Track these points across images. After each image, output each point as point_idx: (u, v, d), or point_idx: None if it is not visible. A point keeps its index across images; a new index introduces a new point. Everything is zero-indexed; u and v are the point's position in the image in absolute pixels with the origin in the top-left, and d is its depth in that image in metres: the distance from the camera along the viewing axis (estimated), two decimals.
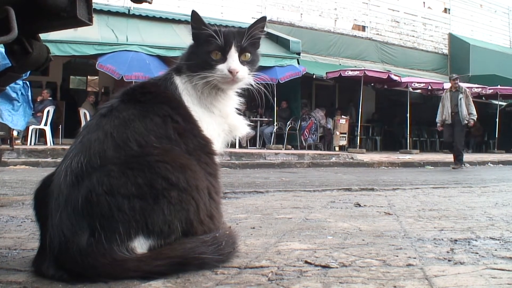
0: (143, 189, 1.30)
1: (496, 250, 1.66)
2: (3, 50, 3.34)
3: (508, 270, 1.39)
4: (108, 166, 1.32)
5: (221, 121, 1.63)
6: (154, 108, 1.47)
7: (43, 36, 1.71)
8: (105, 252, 1.27)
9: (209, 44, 1.57)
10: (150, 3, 1.98)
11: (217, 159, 1.57)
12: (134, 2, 1.99)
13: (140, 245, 1.32)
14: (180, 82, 1.59)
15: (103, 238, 1.27)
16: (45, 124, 10.63)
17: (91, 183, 1.30)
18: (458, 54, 18.38)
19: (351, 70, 13.21)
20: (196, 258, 1.36)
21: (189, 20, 1.60)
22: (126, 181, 1.30)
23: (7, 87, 3.24)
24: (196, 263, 1.36)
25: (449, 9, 19.25)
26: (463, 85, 15.49)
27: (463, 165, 9.46)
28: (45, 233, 1.38)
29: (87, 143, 1.39)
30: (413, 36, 18.21)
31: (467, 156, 12.85)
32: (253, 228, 2.15)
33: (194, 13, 1.59)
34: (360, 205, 2.95)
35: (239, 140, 11.11)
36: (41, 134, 11.04)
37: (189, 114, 1.53)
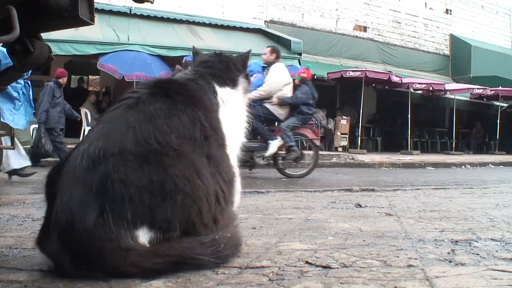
0: (154, 186, 1.35)
1: (497, 251, 1.66)
2: (4, 49, 3.33)
3: (509, 272, 1.39)
4: (126, 156, 1.37)
5: (242, 134, 1.76)
6: (186, 109, 1.52)
7: (44, 35, 1.71)
8: (112, 236, 1.30)
9: None
10: (151, 2, 1.98)
11: (237, 169, 1.65)
12: (135, 1, 1.99)
13: (144, 235, 1.36)
14: (220, 91, 1.68)
15: (111, 220, 1.30)
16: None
17: (108, 169, 1.34)
18: (459, 55, 18.34)
19: (352, 71, 13.19)
20: (193, 258, 1.38)
21: (190, 20, 1.65)
22: (141, 174, 1.35)
23: (9, 86, 3.24)
24: (192, 263, 1.38)
25: (450, 10, 19.21)
26: (463, 86, 15.54)
27: None
28: (51, 211, 1.40)
29: (108, 131, 1.44)
30: (414, 37, 18.18)
31: (468, 157, 12.83)
32: (254, 228, 2.16)
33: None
34: (361, 206, 2.95)
35: None
36: None
37: (219, 122, 1.61)
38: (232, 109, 1.70)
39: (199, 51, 1.91)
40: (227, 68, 1.77)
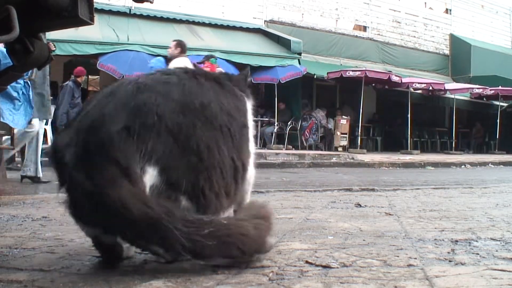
0: (181, 136, 1.38)
1: (497, 251, 1.66)
2: (4, 49, 3.33)
3: (509, 271, 1.39)
4: (170, 99, 1.42)
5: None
6: (231, 94, 1.63)
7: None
8: (127, 154, 1.31)
9: None
10: (151, 2, 1.99)
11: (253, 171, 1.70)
12: (135, 1, 1.99)
13: (151, 175, 1.34)
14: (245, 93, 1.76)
15: (134, 140, 1.32)
16: (46, 124, 10.61)
17: (150, 99, 1.39)
18: (459, 54, 18.33)
19: (352, 71, 13.19)
20: (164, 228, 1.29)
21: (190, 20, 1.68)
22: (175, 119, 1.38)
23: (8, 86, 3.24)
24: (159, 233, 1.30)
25: (450, 10, 19.20)
26: (463, 85, 15.53)
27: None
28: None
29: (160, 78, 1.51)
30: (414, 36, 18.17)
31: (468, 157, 12.83)
32: None
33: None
34: (360, 206, 2.95)
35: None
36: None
37: (249, 122, 1.69)
38: (250, 116, 1.74)
39: None
40: (243, 80, 1.84)
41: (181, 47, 6.52)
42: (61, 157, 1.35)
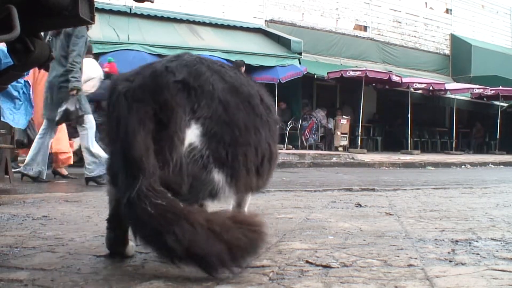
0: (228, 113, 1.48)
1: (497, 251, 1.66)
2: (5, 48, 3.33)
3: (509, 271, 1.39)
4: (223, 81, 1.53)
5: None
6: (266, 93, 1.79)
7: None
8: (177, 101, 1.41)
9: None
10: (152, 2, 1.99)
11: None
12: (136, 1, 1.99)
13: (194, 128, 1.41)
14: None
15: (184, 94, 1.42)
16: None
17: (208, 71, 1.51)
18: (459, 54, 18.33)
19: (353, 70, 13.19)
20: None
21: (191, 19, 1.73)
22: (225, 97, 1.49)
23: (9, 86, 3.24)
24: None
25: (450, 10, 19.20)
26: (464, 85, 15.52)
27: None
28: None
29: (212, 61, 1.63)
30: (415, 36, 18.16)
31: (468, 157, 12.82)
32: None
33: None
34: (361, 205, 2.95)
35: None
36: None
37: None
38: None
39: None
40: None
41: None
42: (115, 86, 1.45)
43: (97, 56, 10.60)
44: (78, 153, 5.98)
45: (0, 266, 1.48)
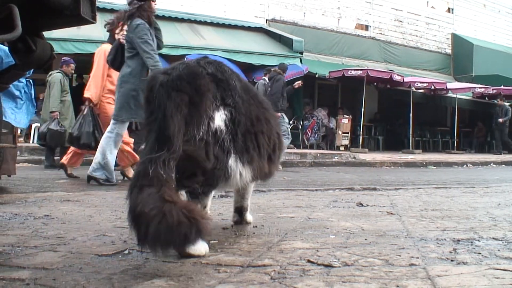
0: (248, 107, 1.79)
1: (499, 250, 1.66)
2: (6, 48, 3.33)
3: (511, 271, 1.38)
4: (239, 79, 1.86)
5: None
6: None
7: (46, 34, 1.71)
8: (209, 87, 1.70)
9: None
10: (153, 1, 1.99)
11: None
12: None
13: (221, 113, 1.70)
14: None
15: (216, 84, 1.73)
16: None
17: (230, 70, 1.84)
18: (461, 54, 18.30)
19: (354, 70, 13.17)
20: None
21: (192, 19, 1.80)
22: (241, 97, 1.77)
23: (10, 85, 3.24)
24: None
25: (452, 9, 19.17)
26: (465, 85, 15.49)
27: None
28: None
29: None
30: (416, 35, 18.14)
31: (470, 156, 12.81)
32: (256, 226, 2.16)
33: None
34: (362, 205, 2.95)
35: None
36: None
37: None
38: None
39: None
40: None
41: None
42: (155, 78, 1.67)
43: None
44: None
45: (2, 265, 1.48)
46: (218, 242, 1.80)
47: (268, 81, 9.20)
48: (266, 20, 14.81)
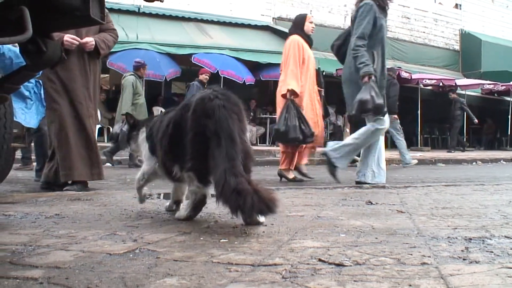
0: (235, 124, 2.18)
1: (511, 248, 1.64)
2: (17, 49, 3.36)
3: None
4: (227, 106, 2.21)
5: None
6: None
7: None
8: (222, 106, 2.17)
9: None
10: (161, 1, 1.99)
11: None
12: (145, 0, 2.00)
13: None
14: None
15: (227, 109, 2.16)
16: None
17: (232, 95, 2.25)
18: (469, 50, 18.16)
19: None
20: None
21: (199, 18, 1.81)
22: (230, 119, 2.14)
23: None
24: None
25: (460, 5, 19.02)
26: (474, 81, 15.37)
27: None
28: None
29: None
30: (424, 32, 18.02)
31: (479, 154, 12.71)
32: (265, 225, 2.15)
33: None
34: (372, 203, 2.93)
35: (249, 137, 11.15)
36: None
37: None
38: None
39: None
40: None
41: None
42: (212, 100, 2.12)
43: (105, 55, 10.70)
44: None
45: (15, 264, 1.49)
46: (228, 241, 1.80)
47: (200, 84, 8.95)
48: (273, 18, 14.80)
